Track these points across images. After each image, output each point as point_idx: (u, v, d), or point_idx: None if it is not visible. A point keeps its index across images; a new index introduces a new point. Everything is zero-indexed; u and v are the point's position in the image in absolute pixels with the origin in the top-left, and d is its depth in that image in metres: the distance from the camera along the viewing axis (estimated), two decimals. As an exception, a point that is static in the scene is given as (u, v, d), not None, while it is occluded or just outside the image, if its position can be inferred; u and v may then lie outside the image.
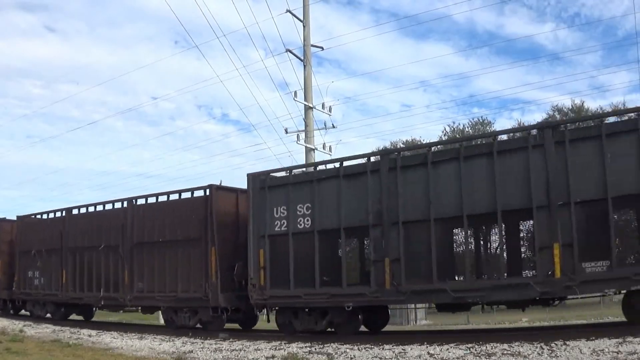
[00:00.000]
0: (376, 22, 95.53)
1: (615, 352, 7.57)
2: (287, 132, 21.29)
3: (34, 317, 18.81)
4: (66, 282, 17.18)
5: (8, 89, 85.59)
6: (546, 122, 11.16)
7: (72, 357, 10.64)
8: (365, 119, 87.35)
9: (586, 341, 8.33)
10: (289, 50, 20.79)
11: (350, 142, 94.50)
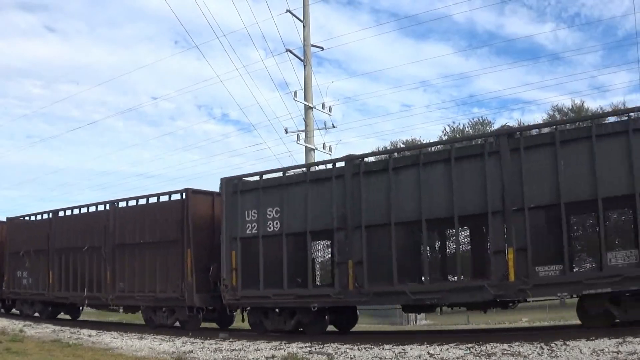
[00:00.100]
0: (376, 22, 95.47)
1: (615, 352, 7.57)
2: (287, 132, 21.45)
3: (23, 315, 19.29)
4: (53, 282, 17.65)
5: (8, 89, 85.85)
6: (502, 129, 11.46)
7: (72, 357, 10.65)
8: (365, 119, 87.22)
9: (586, 341, 8.30)
10: (289, 50, 20.96)
11: (350, 142, 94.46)
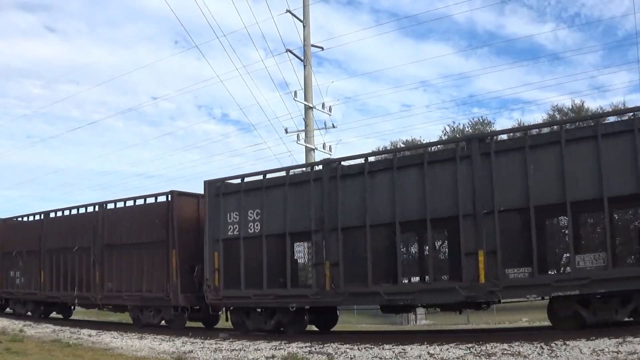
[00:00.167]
0: (376, 22, 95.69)
1: (615, 352, 7.59)
2: (287, 132, 21.63)
3: (15, 314, 19.62)
4: (44, 282, 17.98)
5: (8, 89, 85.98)
6: (473, 134, 11.70)
7: (72, 357, 10.70)
8: (365, 119, 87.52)
9: (586, 341, 8.31)
10: (289, 50, 21.16)
11: (350, 142, 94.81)
